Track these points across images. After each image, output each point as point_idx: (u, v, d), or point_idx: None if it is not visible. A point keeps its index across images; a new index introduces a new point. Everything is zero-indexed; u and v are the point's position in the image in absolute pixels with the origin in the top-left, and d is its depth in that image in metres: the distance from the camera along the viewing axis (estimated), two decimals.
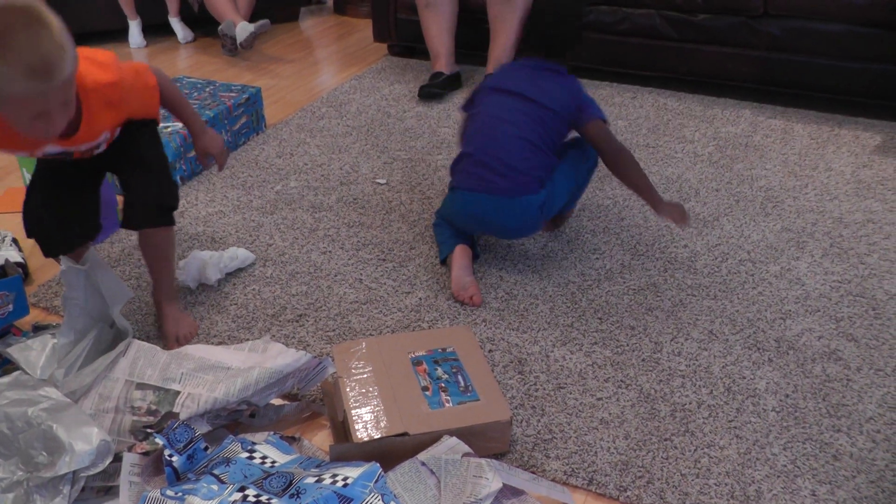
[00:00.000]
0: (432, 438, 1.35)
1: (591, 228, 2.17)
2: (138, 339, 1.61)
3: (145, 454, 1.31)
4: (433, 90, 3.04)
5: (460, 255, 1.93)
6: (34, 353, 1.63)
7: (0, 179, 2.54)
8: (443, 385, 1.46)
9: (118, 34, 3.89)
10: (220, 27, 3.57)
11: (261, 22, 3.46)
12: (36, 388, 1.37)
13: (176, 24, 3.85)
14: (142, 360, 1.49)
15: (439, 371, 1.50)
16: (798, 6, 2.81)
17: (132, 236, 2.16)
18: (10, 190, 2.47)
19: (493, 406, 1.43)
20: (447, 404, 1.42)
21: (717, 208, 2.26)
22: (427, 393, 1.44)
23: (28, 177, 2.12)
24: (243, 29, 3.44)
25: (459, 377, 1.48)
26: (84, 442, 1.25)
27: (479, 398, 1.44)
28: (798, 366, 1.66)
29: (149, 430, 1.37)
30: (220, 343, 1.72)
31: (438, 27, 3.15)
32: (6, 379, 1.42)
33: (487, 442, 1.41)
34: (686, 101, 3.02)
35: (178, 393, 1.41)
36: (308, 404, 1.54)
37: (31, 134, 1.39)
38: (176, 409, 1.38)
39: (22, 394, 1.35)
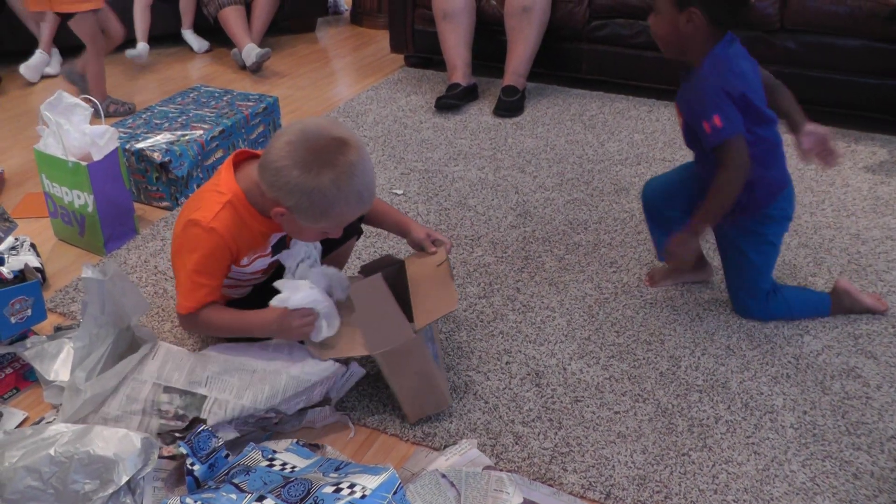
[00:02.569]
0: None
1: (608, 242, 2.17)
2: None
3: (171, 458, 1.32)
4: (450, 101, 3.05)
5: None
6: (50, 357, 1.64)
7: (19, 185, 2.56)
8: None
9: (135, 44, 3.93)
10: (231, 52, 3.68)
11: (263, 50, 3.50)
12: (38, 432, 1.35)
13: (189, 35, 3.88)
14: (169, 363, 1.49)
15: None
16: (815, 21, 2.82)
17: (148, 243, 2.17)
18: (28, 195, 2.48)
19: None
20: None
21: None
22: None
23: (48, 182, 2.13)
24: (249, 52, 3.49)
25: None
26: (128, 447, 1.27)
27: None
28: (816, 383, 1.65)
29: (177, 435, 1.38)
30: None
31: (456, 39, 3.16)
32: None
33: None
34: None
35: (204, 397, 1.42)
36: (332, 411, 1.54)
37: (308, 239, 1.56)
38: (203, 416, 1.38)
39: (28, 445, 1.32)
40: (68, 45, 3.71)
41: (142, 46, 3.76)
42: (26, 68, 3.48)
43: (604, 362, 1.71)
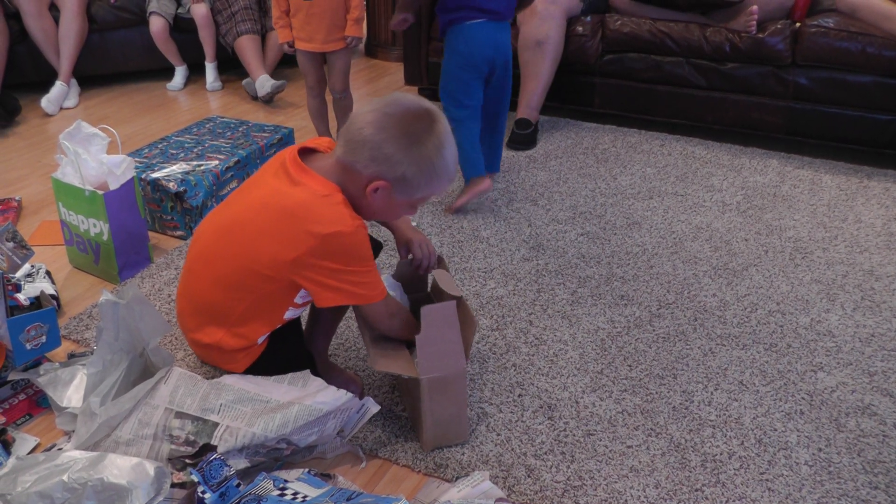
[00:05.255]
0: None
1: (621, 276, 2.17)
2: None
3: (181, 485, 1.32)
4: None
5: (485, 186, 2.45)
6: (63, 384, 1.65)
7: (36, 213, 2.58)
8: None
9: (155, 74, 3.98)
10: (244, 81, 3.73)
11: (279, 82, 3.53)
12: (51, 458, 1.36)
13: (210, 69, 3.90)
14: (182, 388, 1.49)
15: None
16: (826, 57, 2.83)
17: (163, 272, 2.18)
18: (44, 223, 2.51)
19: None
20: None
21: (747, 258, 2.25)
22: None
23: (64, 210, 2.15)
24: (263, 83, 3.52)
25: None
26: (141, 475, 1.27)
27: None
28: (831, 420, 1.64)
29: (188, 462, 1.38)
30: None
31: None
32: (5, 469, 1.37)
33: None
34: (714, 149, 3.03)
35: (216, 425, 1.41)
36: (343, 441, 1.54)
37: (391, 218, 1.62)
38: (214, 442, 1.38)
39: (41, 470, 1.32)
40: (87, 75, 3.78)
41: (180, 73, 3.88)
42: (47, 102, 3.53)
43: (616, 396, 1.70)
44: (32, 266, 2.10)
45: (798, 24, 2.93)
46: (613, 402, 1.68)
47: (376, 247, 1.68)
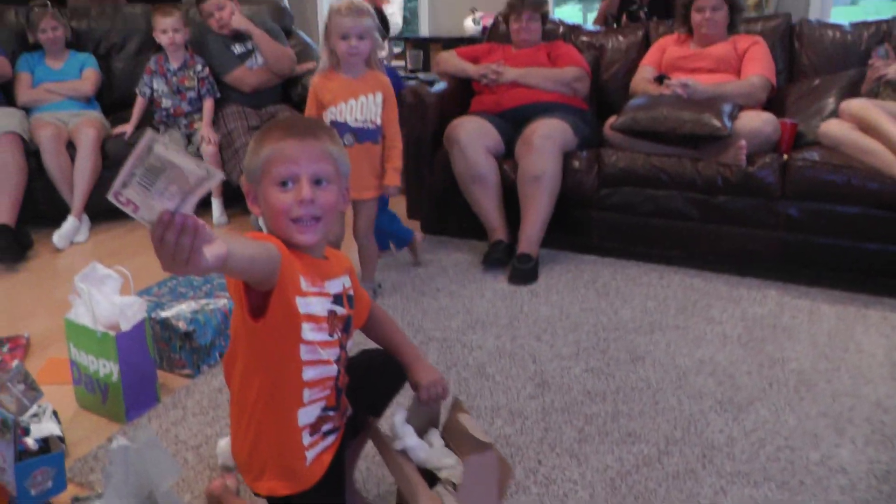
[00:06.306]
0: None
1: (627, 412, 2.17)
2: None
3: None
4: (499, 258, 3.20)
5: None
6: None
7: (43, 349, 2.60)
8: None
9: None
10: (251, 217, 3.81)
11: None
12: None
13: (217, 204, 4.00)
14: None
15: None
16: (814, 189, 2.93)
17: (170, 412, 2.18)
18: (51, 360, 2.52)
19: None
20: None
21: (751, 392, 2.26)
22: None
23: (75, 350, 2.18)
24: None
25: None
26: None
27: None
28: None
29: None
30: None
31: (489, 201, 3.30)
32: None
33: None
34: (712, 280, 3.09)
35: None
36: None
37: (278, 213, 1.41)
38: None
39: None
40: (99, 210, 3.88)
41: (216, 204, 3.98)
42: (58, 237, 3.62)
43: None
44: (39, 405, 2.10)
45: (785, 157, 3.05)
46: None
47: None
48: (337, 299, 1.45)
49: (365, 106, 2.68)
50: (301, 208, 1.36)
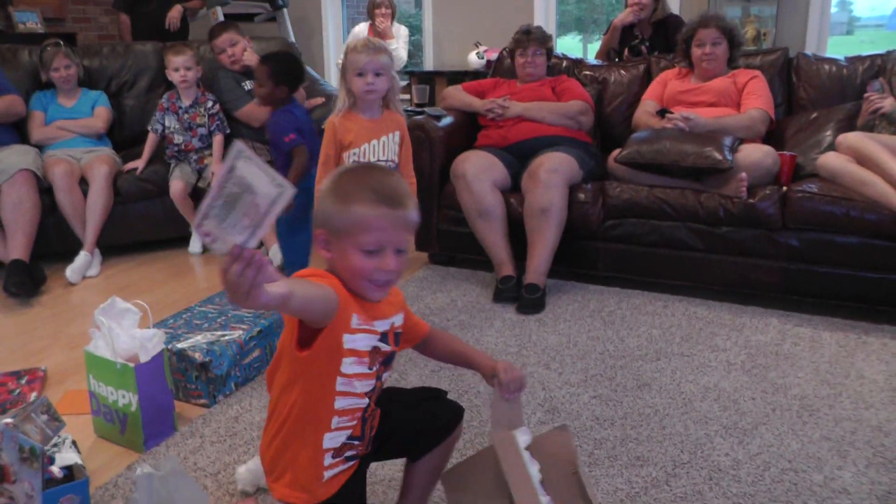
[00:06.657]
0: None
1: (635, 437, 2.22)
2: None
3: None
4: (509, 294, 3.24)
5: None
6: None
7: (60, 382, 2.65)
8: None
9: (174, 242, 4.17)
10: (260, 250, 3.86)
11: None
12: None
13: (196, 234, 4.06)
14: None
15: None
16: (813, 220, 2.99)
17: (187, 440, 2.23)
18: (70, 392, 2.57)
19: None
20: None
21: (756, 417, 2.31)
22: None
23: (94, 381, 2.23)
24: (276, 252, 3.64)
25: None
26: None
27: None
28: None
29: None
30: None
31: (495, 236, 3.35)
32: None
33: None
34: (715, 309, 3.14)
35: None
36: None
37: (356, 267, 1.41)
38: None
39: None
40: (111, 245, 3.96)
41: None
42: (71, 272, 3.68)
43: None
44: (59, 436, 2.15)
45: (785, 189, 3.12)
46: None
47: None
48: (383, 336, 1.49)
49: (386, 145, 2.69)
50: (382, 275, 1.40)
